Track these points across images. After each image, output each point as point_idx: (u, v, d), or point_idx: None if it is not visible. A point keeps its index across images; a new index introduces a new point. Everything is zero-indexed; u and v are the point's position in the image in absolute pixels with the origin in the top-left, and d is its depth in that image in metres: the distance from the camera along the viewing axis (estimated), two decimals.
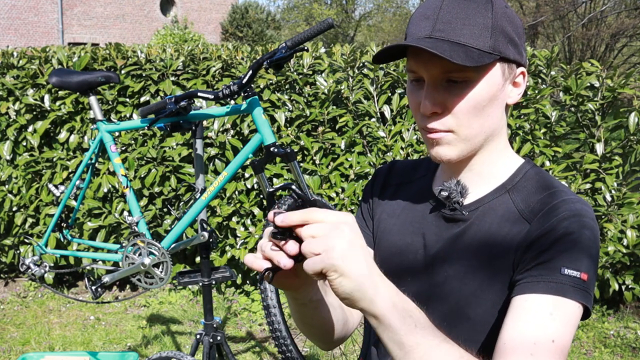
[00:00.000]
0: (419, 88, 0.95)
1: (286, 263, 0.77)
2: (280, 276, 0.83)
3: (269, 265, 0.79)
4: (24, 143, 3.89)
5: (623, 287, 3.46)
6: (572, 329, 0.85)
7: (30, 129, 3.86)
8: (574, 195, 0.95)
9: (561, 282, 0.86)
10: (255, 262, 0.80)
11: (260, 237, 0.86)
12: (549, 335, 0.83)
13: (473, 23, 0.91)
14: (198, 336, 2.23)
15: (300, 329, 1.04)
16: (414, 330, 0.78)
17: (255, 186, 3.65)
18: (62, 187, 2.58)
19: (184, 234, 3.33)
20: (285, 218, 0.77)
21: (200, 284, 2.23)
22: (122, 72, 3.79)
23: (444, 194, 1.00)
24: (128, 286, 4.08)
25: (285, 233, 0.78)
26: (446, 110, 0.93)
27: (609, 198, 3.41)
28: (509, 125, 3.48)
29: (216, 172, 3.67)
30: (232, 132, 3.70)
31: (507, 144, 1.03)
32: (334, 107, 3.71)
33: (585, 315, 0.89)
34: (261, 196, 3.68)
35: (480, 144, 0.97)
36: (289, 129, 3.64)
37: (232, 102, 3.40)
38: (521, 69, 0.97)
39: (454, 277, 0.98)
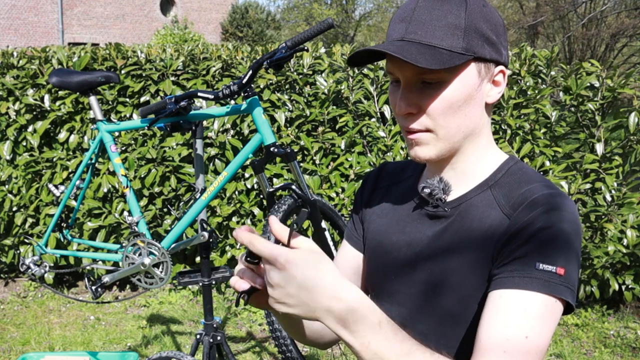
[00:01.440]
0: (397, 89, 0.97)
1: (260, 282, 0.83)
2: (257, 297, 0.88)
3: (248, 286, 0.85)
4: (24, 143, 3.89)
5: (623, 287, 3.46)
6: (549, 324, 0.85)
7: (30, 129, 3.86)
8: (555, 189, 0.94)
9: (536, 277, 0.85)
10: (237, 283, 0.85)
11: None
12: (522, 331, 0.84)
13: (445, 24, 0.92)
14: (198, 336, 2.23)
15: (291, 335, 1.07)
16: (368, 334, 0.80)
17: (255, 186, 3.65)
18: (62, 187, 2.58)
19: (184, 234, 3.33)
20: (252, 247, 0.82)
21: (200, 284, 2.23)
22: (122, 72, 3.79)
23: (427, 191, 1.01)
24: (128, 286, 4.08)
25: (257, 257, 0.83)
26: (421, 110, 0.95)
27: (609, 198, 3.41)
28: (509, 125, 3.49)
29: (216, 172, 3.67)
30: (232, 132, 3.70)
31: (491, 142, 1.03)
32: (334, 107, 3.71)
33: (567, 310, 0.88)
34: (261, 196, 3.68)
35: (460, 143, 0.98)
36: (289, 129, 3.64)
37: (232, 102, 3.40)
38: (500, 67, 0.97)
39: (437, 274, 0.98)
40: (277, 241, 0.84)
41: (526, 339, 0.83)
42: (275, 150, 2.02)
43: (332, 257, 2.28)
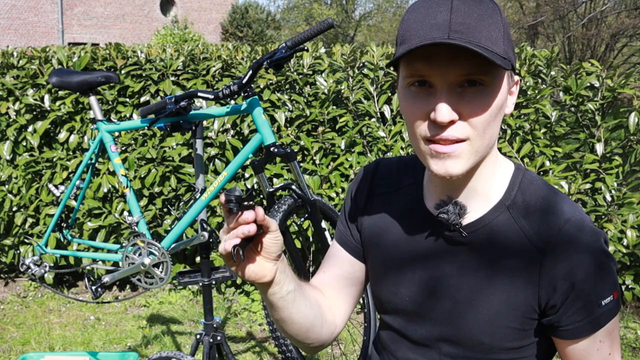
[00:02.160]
0: (425, 94, 0.88)
1: (250, 229, 0.82)
2: (252, 265, 0.89)
3: (238, 241, 0.83)
4: (24, 143, 3.89)
5: (623, 287, 3.46)
6: (618, 328, 0.97)
7: (30, 129, 3.86)
8: (568, 202, 0.95)
9: (603, 314, 0.93)
10: (224, 244, 0.84)
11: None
12: (605, 354, 0.96)
13: (489, 27, 0.85)
14: (198, 336, 2.23)
15: (281, 329, 1.05)
16: None
17: (255, 186, 3.65)
18: (62, 187, 2.58)
19: (184, 234, 3.33)
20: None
21: (200, 284, 2.23)
22: (122, 72, 3.79)
23: (443, 216, 0.95)
24: (128, 286, 4.08)
25: (239, 204, 0.81)
26: (462, 116, 0.87)
27: (609, 198, 3.41)
28: (509, 126, 3.49)
29: (216, 172, 3.67)
30: (232, 132, 3.70)
31: (498, 152, 0.99)
32: (334, 107, 3.71)
33: None
34: (261, 196, 3.68)
35: (483, 157, 0.92)
36: (289, 129, 3.64)
37: (232, 102, 3.40)
38: (516, 77, 0.95)
39: (464, 303, 0.97)
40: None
41: (609, 355, 0.97)
42: (275, 150, 2.02)
43: None
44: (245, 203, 0.81)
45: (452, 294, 0.98)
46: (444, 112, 0.85)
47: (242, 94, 2.00)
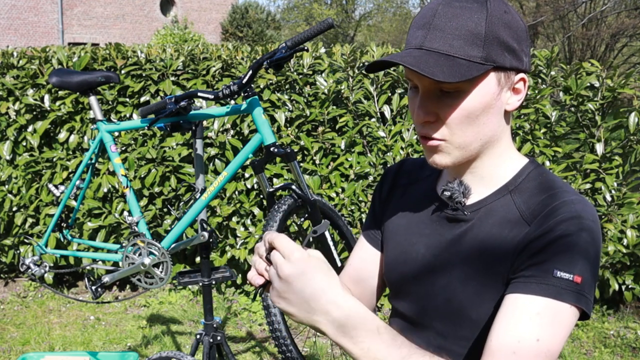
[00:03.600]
0: (415, 95, 0.97)
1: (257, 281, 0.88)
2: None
3: (262, 281, 0.88)
4: (24, 143, 3.89)
5: (623, 287, 3.46)
6: (563, 331, 0.86)
7: (30, 129, 3.86)
8: (576, 195, 0.94)
9: (552, 284, 0.86)
10: (253, 278, 0.89)
11: (259, 240, 0.95)
12: (533, 334, 0.85)
13: (465, 32, 0.89)
14: (198, 336, 2.23)
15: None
16: (367, 340, 0.82)
17: (255, 186, 3.65)
18: (62, 187, 2.58)
19: (184, 234, 3.33)
20: (269, 240, 0.87)
21: (200, 284, 2.23)
22: (122, 72, 3.79)
23: (447, 193, 1.01)
24: (128, 286, 4.08)
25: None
26: (439, 119, 0.94)
27: (609, 198, 3.41)
28: None
29: (216, 172, 3.67)
30: (232, 132, 3.70)
31: (511, 146, 1.02)
32: (334, 107, 3.71)
33: (583, 317, 0.89)
34: (261, 196, 3.68)
35: (477, 151, 0.97)
36: (289, 129, 3.64)
37: (232, 102, 3.40)
38: (521, 75, 0.95)
39: (456, 278, 0.99)
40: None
41: (537, 342, 0.85)
42: (275, 150, 2.02)
43: (332, 256, 2.28)
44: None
45: (447, 270, 1.00)
46: (419, 113, 0.94)
47: (242, 94, 1.99)
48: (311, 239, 0.86)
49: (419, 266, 1.05)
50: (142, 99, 3.79)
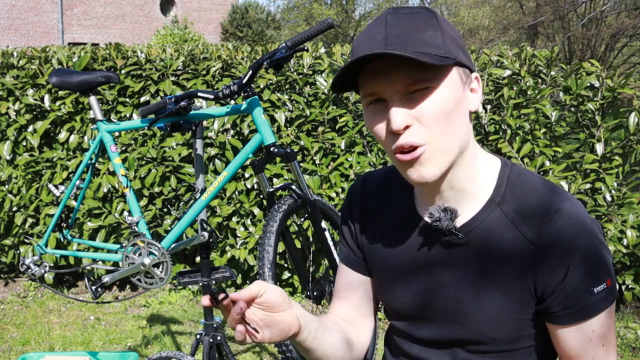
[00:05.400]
0: (380, 109, 0.93)
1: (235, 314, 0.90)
2: (277, 327, 0.96)
3: (241, 328, 0.92)
4: (24, 143, 3.89)
5: (623, 287, 3.46)
6: (613, 323, 0.99)
7: (30, 129, 3.86)
8: (560, 195, 0.97)
9: (595, 301, 0.95)
10: (236, 333, 0.92)
11: (259, 241, 0.98)
12: (599, 345, 0.97)
13: (425, 33, 0.91)
14: (198, 336, 2.23)
15: None
16: None
17: (255, 186, 3.65)
18: (62, 187, 2.58)
19: (184, 234, 3.33)
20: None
21: (200, 284, 2.23)
22: (122, 72, 3.79)
23: (437, 224, 0.98)
24: (128, 286, 4.08)
25: (216, 301, 0.92)
26: (416, 121, 0.91)
27: (609, 198, 3.41)
28: (509, 125, 3.49)
29: (216, 172, 3.67)
30: (232, 132, 3.70)
31: (477, 147, 1.02)
32: (334, 107, 3.71)
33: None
34: (261, 196, 3.68)
35: (456, 155, 0.95)
36: (289, 129, 3.64)
37: (232, 102, 3.40)
38: (475, 74, 0.98)
39: (468, 302, 1.00)
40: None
41: (603, 347, 0.98)
42: (275, 150, 2.02)
43: (332, 256, 2.28)
44: (220, 297, 0.90)
45: (456, 295, 1.01)
46: (397, 119, 0.90)
47: (242, 94, 2.00)
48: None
49: (422, 293, 1.05)
50: (142, 99, 3.79)
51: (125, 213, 2.27)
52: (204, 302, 0.89)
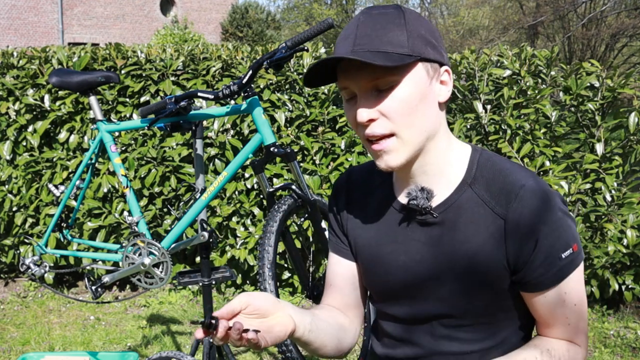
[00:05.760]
0: (353, 103, 1.03)
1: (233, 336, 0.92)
2: (274, 330, 0.98)
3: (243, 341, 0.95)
4: (24, 143, 3.89)
5: (623, 287, 3.46)
6: (582, 282, 1.06)
7: (30, 129, 3.86)
8: (526, 173, 1.04)
9: (564, 265, 1.02)
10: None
11: (258, 241, 1.01)
12: (572, 304, 1.05)
13: (390, 32, 0.99)
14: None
15: (320, 356, 1.17)
16: None
17: (255, 186, 3.65)
18: (62, 187, 2.58)
19: (184, 234, 3.33)
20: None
21: (200, 284, 2.23)
22: (122, 72, 3.79)
23: (414, 203, 1.06)
24: (128, 286, 4.08)
25: (209, 328, 0.92)
26: (381, 115, 1.00)
27: (609, 198, 3.41)
28: (509, 126, 3.49)
29: (216, 172, 3.67)
30: (232, 132, 3.70)
31: (450, 136, 1.09)
32: (334, 107, 3.71)
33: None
34: (261, 196, 3.68)
35: (423, 144, 1.03)
36: (289, 129, 3.64)
37: (232, 102, 3.40)
38: (445, 67, 1.04)
39: (446, 277, 1.07)
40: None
41: (575, 306, 1.05)
42: (275, 150, 2.02)
43: None
44: (211, 324, 0.91)
45: (433, 272, 1.08)
46: (361, 112, 1.00)
47: (242, 94, 1.99)
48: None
49: (402, 272, 1.11)
50: (142, 99, 3.79)
51: (125, 213, 2.27)
52: (198, 335, 0.91)
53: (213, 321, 0.91)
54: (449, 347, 1.10)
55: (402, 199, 1.12)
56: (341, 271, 1.23)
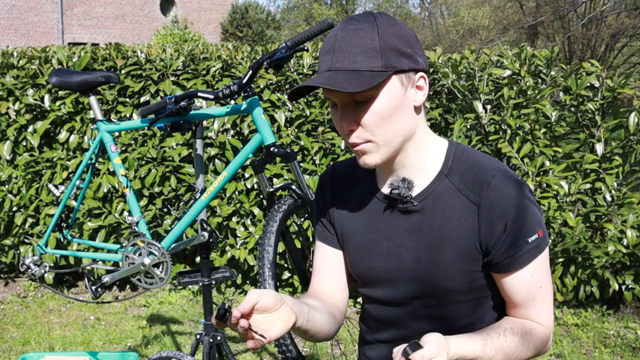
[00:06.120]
0: (336, 111, 1.12)
1: (241, 326, 0.98)
2: (278, 325, 1.04)
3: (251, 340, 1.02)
4: (24, 143, 3.89)
5: (623, 287, 3.46)
6: (548, 267, 1.16)
7: (30, 129, 3.86)
8: (497, 164, 1.14)
9: (529, 250, 1.12)
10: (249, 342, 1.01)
11: (258, 241, 1.04)
12: (536, 286, 1.14)
13: (363, 49, 1.06)
14: (198, 336, 2.23)
15: (314, 341, 1.27)
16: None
17: (255, 186, 3.65)
18: (62, 187, 2.58)
19: (184, 234, 3.33)
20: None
21: (200, 284, 2.23)
22: (122, 72, 3.79)
23: (396, 192, 1.15)
24: (128, 286, 4.08)
25: (221, 319, 0.99)
26: (359, 125, 1.09)
27: (609, 198, 3.41)
28: (509, 126, 3.49)
29: (216, 172, 3.67)
30: (232, 132, 3.70)
31: (429, 134, 1.17)
32: None
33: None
34: (261, 196, 3.68)
35: (400, 145, 1.13)
36: (289, 129, 3.64)
37: (232, 102, 3.40)
38: (420, 73, 1.11)
39: (425, 260, 1.16)
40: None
41: (541, 288, 1.15)
42: (275, 150, 2.02)
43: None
44: (223, 317, 0.98)
45: (414, 255, 1.17)
46: (342, 125, 1.10)
47: (242, 94, 1.99)
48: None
49: (385, 257, 1.20)
50: (142, 99, 3.79)
51: (125, 213, 2.27)
52: (214, 321, 0.99)
53: (226, 313, 0.98)
54: (432, 326, 1.16)
55: (385, 189, 1.21)
56: (328, 258, 1.31)
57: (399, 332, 1.23)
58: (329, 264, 1.31)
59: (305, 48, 1.90)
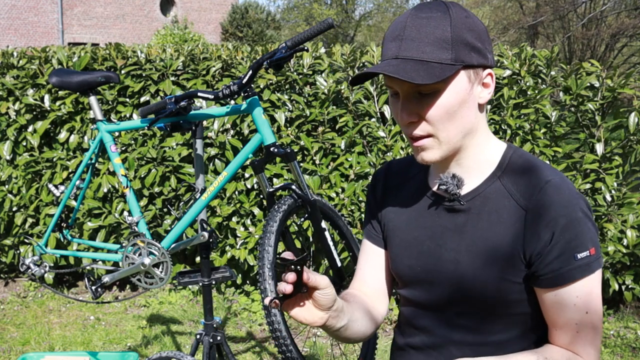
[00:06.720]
0: (397, 100, 1.07)
1: (285, 288, 0.94)
2: (303, 311, 1.00)
3: (273, 295, 1.00)
4: (24, 143, 3.89)
5: (623, 287, 3.46)
6: (598, 292, 1.04)
7: (30, 129, 3.86)
8: (553, 171, 1.07)
9: (578, 267, 1.01)
10: (283, 285, 0.95)
11: (258, 241, 1.02)
12: (582, 311, 1.02)
13: (434, 39, 1.00)
14: (198, 336, 2.23)
15: (343, 342, 1.20)
16: None
17: (255, 186, 3.65)
18: (62, 187, 2.58)
19: (184, 234, 3.33)
20: None
21: (200, 284, 2.23)
22: (122, 72, 3.79)
23: (443, 187, 1.10)
24: (128, 286, 4.08)
25: (284, 267, 0.94)
26: (421, 118, 1.04)
27: (609, 198, 3.41)
28: (509, 125, 3.49)
29: (216, 172, 3.67)
30: (232, 132, 3.70)
31: (488, 134, 1.12)
32: (334, 107, 3.71)
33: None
34: (261, 196, 3.68)
35: (460, 143, 1.08)
36: (289, 129, 3.64)
37: (232, 102, 3.40)
38: (488, 70, 1.06)
39: (464, 262, 1.09)
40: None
41: (587, 314, 1.03)
42: (275, 150, 2.02)
43: (332, 256, 2.28)
44: (293, 266, 0.94)
45: (453, 256, 1.11)
46: (403, 116, 1.05)
47: (242, 94, 1.99)
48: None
49: (425, 256, 1.15)
50: (142, 99, 3.79)
51: (125, 213, 2.27)
52: (267, 302, 0.96)
53: (277, 300, 0.96)
54: (464, 337, 1.12)
55: (435, 186, 1.16)
56: (371, 256, 1.28)
57: (429, 339, 1.17)
58: (371, 263, 1.28)
59: (306, 48, 1.90)
